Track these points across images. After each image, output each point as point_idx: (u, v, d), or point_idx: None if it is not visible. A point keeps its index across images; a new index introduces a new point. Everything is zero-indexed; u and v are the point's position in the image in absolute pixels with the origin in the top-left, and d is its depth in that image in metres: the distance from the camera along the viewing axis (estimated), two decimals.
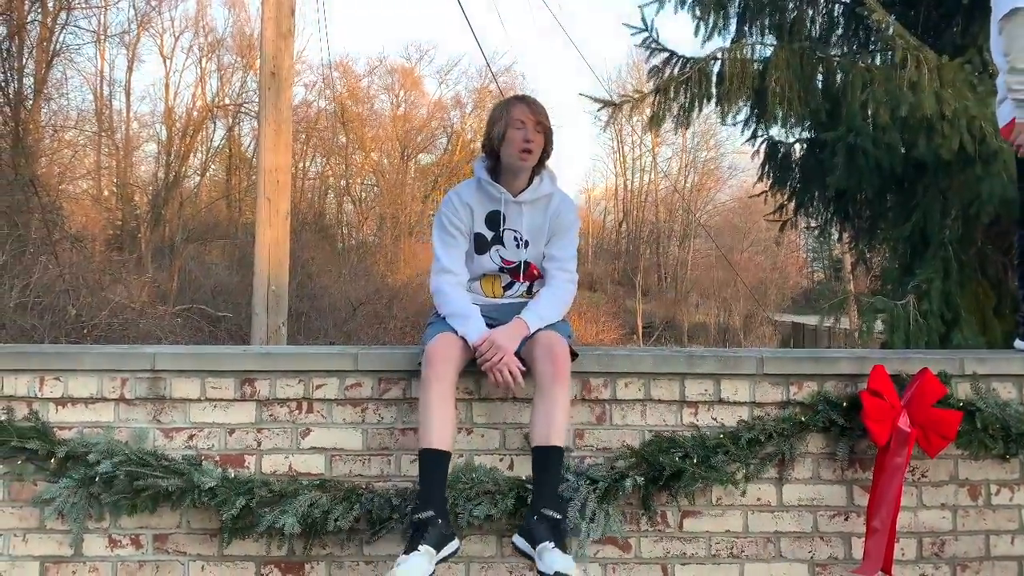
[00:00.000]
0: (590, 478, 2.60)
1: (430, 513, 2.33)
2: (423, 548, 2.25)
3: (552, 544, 2.27)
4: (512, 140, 2.64)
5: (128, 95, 27.25)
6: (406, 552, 2.27)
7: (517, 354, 2.58)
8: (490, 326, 2.65)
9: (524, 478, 2.62)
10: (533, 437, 2.47)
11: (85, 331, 11.08)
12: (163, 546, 2.65)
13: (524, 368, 2.55)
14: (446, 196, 2.80)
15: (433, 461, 2.41)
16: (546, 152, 2.72)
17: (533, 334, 2.59)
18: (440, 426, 2.42)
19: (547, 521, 2.34)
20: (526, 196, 2.70)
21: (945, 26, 5.82)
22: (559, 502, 2.45)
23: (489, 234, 2.74)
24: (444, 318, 2.68)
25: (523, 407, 2.69)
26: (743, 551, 2.71)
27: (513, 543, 2.41)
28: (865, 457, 2.73)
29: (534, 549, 2.30)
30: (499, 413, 2.70)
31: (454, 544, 2.37)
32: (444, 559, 2.34)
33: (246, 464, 2.67)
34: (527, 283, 2.77)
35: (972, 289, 5.41)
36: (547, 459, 2.43)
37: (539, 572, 2.27)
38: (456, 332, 2.59)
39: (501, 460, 2.68)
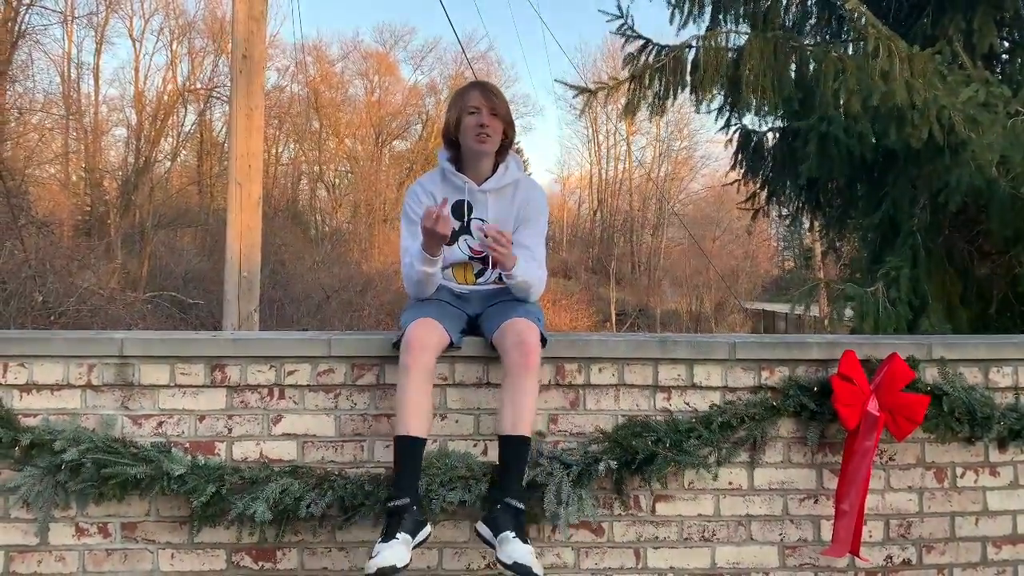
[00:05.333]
0: (563, 462, 2.60)
1: (406, 500, 2.33)
2: (401, 536, 2.26)
3: (513, 534, 2.28)
4: (468, 126, 2.64)
5: (96, 78, 26.79)
6: (384, 540, 2.27)
7: (487, 339, 2.61)
8: (464, 312, 2.65)
9: (498, 464, 2.62)
10: (501, 426, 2.45)
11: (52, 317, 10.90)
12: (132, 534, 2.61)
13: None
14: (410, 188, 2.79)
15: (409, 448, 2.39)
16: (508, 139, 2.70)
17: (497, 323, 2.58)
18: (417, 413, 2.40)
19: (510, 511, 2.35)
20: (490, 184, 2.69)
21: (916, 17, 5.87)
22: (523, 492, 2.45)
23: (456, 224, 2.72)
24: (423, 300, 2.67)
25: (497, 392, 2.68)
26: (715, 535, 2.73)
27: (476, 530, 2.40)
28: (835, 441, 2.76)
29: (496, 537, 2.31)
30: (473, 399, 2.70)
31: (427, 529, 2.37)
32: (418, 545, 2.35)
33: (216, 451, 2.64)
34: (498, 271, 2.76)
35: (939, 277, 5.49)
36: (513, 449, 2.42)
37: (498, 560, 2.28)
38: (432, 315, 2.57)
39: (475, 446, 2.68)
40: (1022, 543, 2.81)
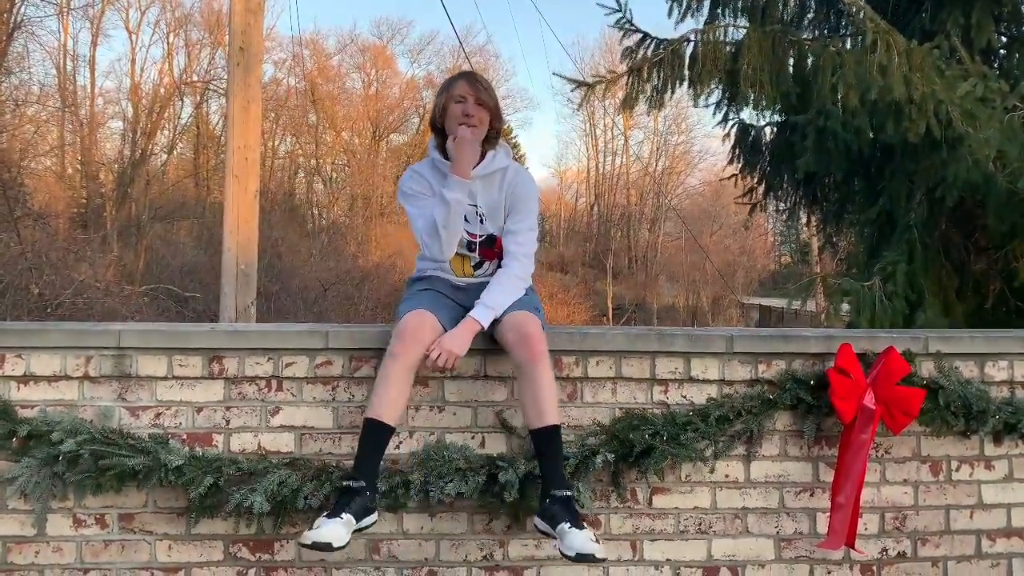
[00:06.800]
0: None
1: (361, 484, 2.35)
2: (345, 516, 2.27)
3: (569, 524, 2.31)
4: (453, 114, 2.66)
5: (92, 70, 26.71)
6: (329, 516, 2.28)
7: (489, 335, 2.61)
8: (461, 306, 2.64)
9: (495, 455, 2.62)
10: (527, 421, 2.48)
11: (48, 310, 10.88)
12: (129, 525, 2.61)
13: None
14: (405, 173, 2.82)
15: (377, 432, 2.41)
16: (495, 129, 2.72)
17: (496, 319, 2.58)
18: (394, 401, 2.42)
19: (559, 501, 2.38)
20: (478, 171, 2.69)
21: (914, 12, 5.88)
22: (566, 479, 2.47)
23: None
24: (419, 291, 2.68)
25: (494, 385, 2.70)
26: (711, 527, 2.74)
27: (535, 525, 2.44)
28: (831, 434, 2.77)
29: (554, 530, 2.35)
30: (471, 391, 2.70)
31: (373, 517, 2.38)
32: (360, 530, 2.35)
33: (214, 442, 2.64)
34: (496, 261, 2.75)
35: (936, 271, 5.51)
36: (546, 440, 2.44)
37: (562, 554, 2.31)
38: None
39: (473, 438, 2.68)
40: (1016, 536, 2.83)
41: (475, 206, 2.70)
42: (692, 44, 5.72)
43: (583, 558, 2.26)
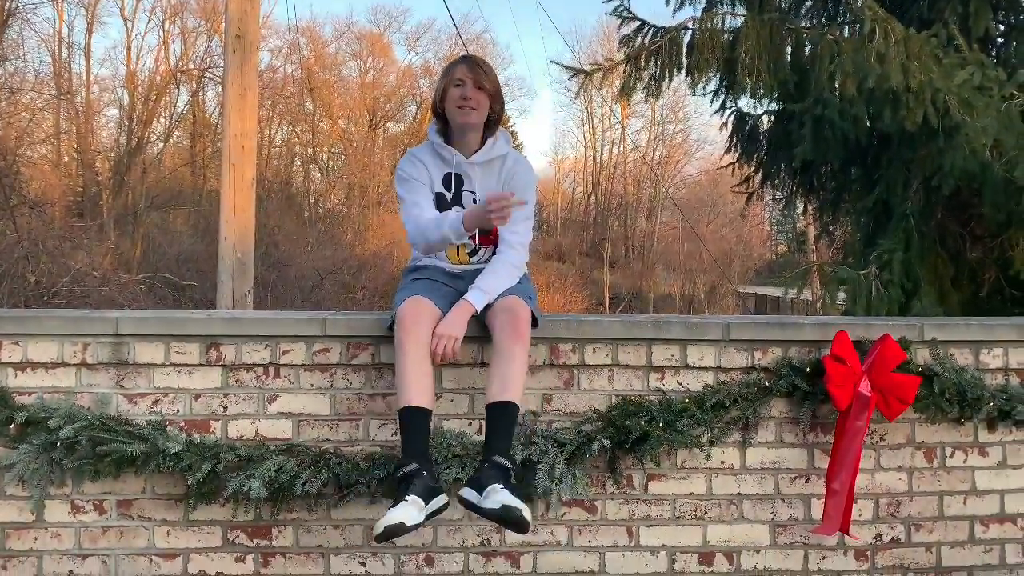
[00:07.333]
0: (557, 441, 2.62)
1: (414, 466, 2.28)
2: (410, 498, 2.21)
3: (501, 486, 2.20)
4: (452, 97, 2.65)
5: (88, 58, 26.61)
6: (394, 504, 2.21)
7: (481, 323, 2.61)
8: (457, 291, 2.65)
9: (485, 432, 2.62)
10: (488, 396, 2.40)
11: (45, 298, 10.88)
12: (127, 512, 2.63)
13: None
14: (403, 157, 2.81)
15: (414, 418, 2.36)
16: (496, 113, 2.71)
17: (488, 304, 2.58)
18: (419, 384, 2.39)
19: (497, 468, 2.27)
20: (478, 157, 2.69)
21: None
22: (511, 454, 2.39)
23: (448, 195, 2.73)
24: (413, 280, 2.68)
25: None
26: (706, 513, 2.76)
27: (459, 496, 2.27)
28: (826, 421, 2.79)
29: (481, 493, 2.22)
30: (468, 378, 2.71)
31: (442, 499, 2.30)
32: (433, 514, 2.27)
33: (212, 429, 2.65)
34: (491, 248, 2.75)
35: (932, 260, 5.51)
36: (502, 411, 2.36)
37: (485, 511, 2.19)
38: (429, 297, 2.57)
39: (470, 424, 2.69)
40: (1009, 522, 2.85)
41: (473, 192, 2.70)
42: (690, 32, 5.70)
43: (509, 513, 2.13)
